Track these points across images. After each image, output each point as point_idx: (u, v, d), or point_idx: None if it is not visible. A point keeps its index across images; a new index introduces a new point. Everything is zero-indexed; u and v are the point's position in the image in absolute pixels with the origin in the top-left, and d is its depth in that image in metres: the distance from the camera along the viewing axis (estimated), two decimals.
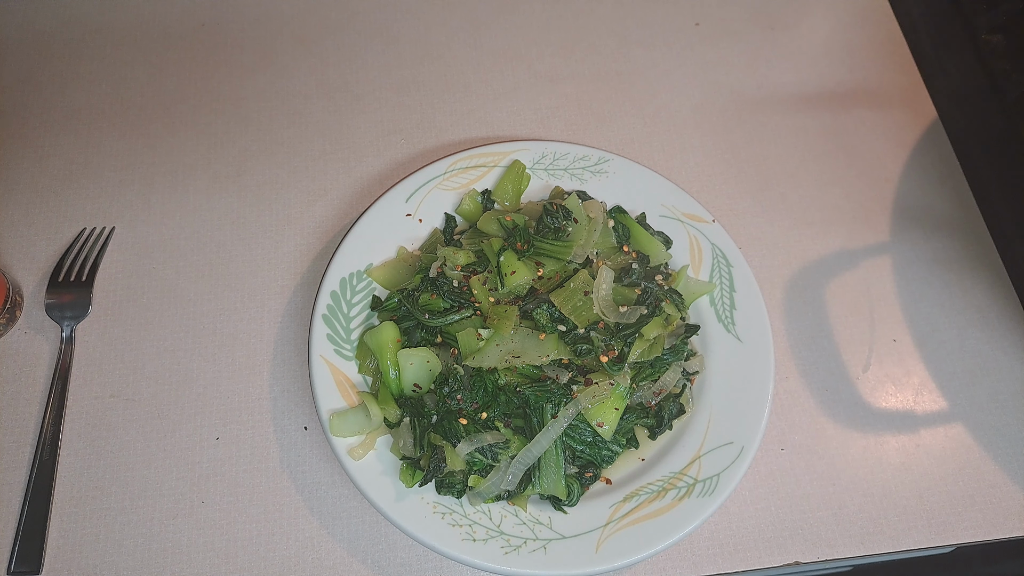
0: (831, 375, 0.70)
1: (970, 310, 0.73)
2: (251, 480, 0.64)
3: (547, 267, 0.65)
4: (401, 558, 0.62)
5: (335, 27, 0.85)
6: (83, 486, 0.63)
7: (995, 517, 0.65)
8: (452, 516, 0.58)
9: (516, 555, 0.57)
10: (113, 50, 0.82)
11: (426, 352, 0.61)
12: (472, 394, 0.59)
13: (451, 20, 0.86)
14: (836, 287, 0.74)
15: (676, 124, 0.81)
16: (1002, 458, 0.67)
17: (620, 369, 0.60)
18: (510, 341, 0.61)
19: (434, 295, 0.64)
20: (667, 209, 0.71)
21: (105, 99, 0.80)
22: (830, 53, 0.86)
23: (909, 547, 0.64)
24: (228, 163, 0.77)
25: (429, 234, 0.71)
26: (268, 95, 0.81)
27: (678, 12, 0.88)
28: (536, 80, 0.83)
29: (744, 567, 0.62)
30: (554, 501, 0.60)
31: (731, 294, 0.67)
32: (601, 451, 0.60)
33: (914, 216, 0.77)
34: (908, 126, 0.82)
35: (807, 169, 0.79)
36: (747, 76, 0.84)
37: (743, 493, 0.65)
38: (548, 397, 0.59)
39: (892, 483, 0.66)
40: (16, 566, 0.59)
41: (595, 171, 0.73)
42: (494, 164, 0.73)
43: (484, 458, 0.58)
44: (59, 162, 0.76)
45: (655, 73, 0.84)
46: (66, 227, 0.73)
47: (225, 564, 0.61)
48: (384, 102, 0.81)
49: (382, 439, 0.61)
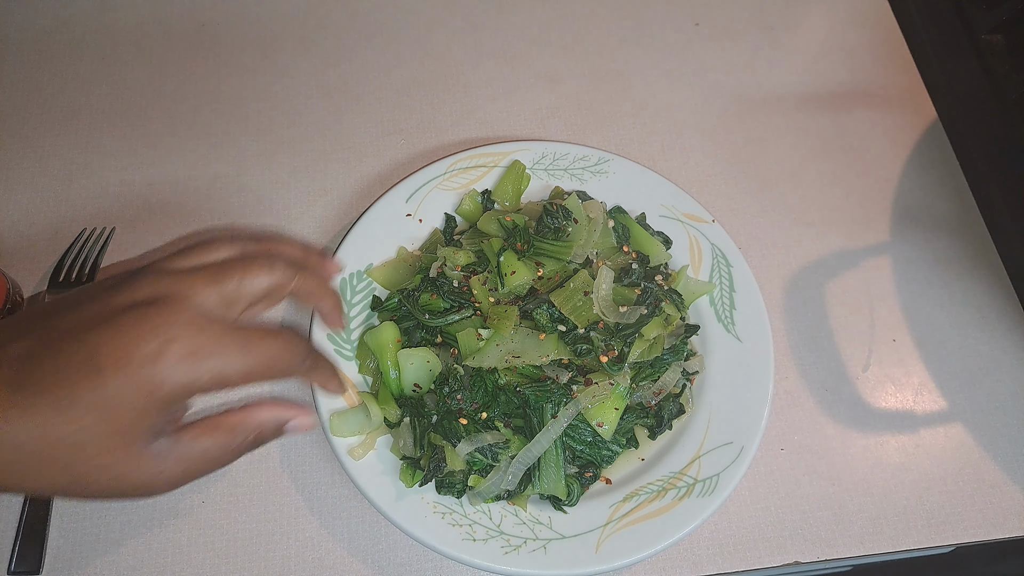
0: (831, 375, 0.70)
1: (970, 310, 0.73)
2: (251, 480, 0.64)
3: (547, 267, 0.65)
4: (401, 558, 0.62)
5: (335, 27, 0.85)
6: None
7: (995, 517, 0.65)
8: (452, 516, 0.58)
9: (516, 555, 0.57)
10: (113, 50, 0.82)
11: (426, 352, 0.61)
12: (472, 394, 0.59)
13: (451, 20, 0.86)
14: (836, 287, 0.74)
15: (676, 124, 0.81)
16: (1002, 458, 0.67)
17: (620, 369, 0.60)
18: (510, 341, 0.61)
19: (434, 295, 0.64)
20: (667, 209, 0.71)
21: (105, 99, 0.80)
22: (830, 53, 0.86)
23: (909, 547, 0.64)
24: (228, 163, 0.77)
25: (429, 234, 0.71)
26: (268, 95, 0.81)
27: (678, 12, 0.88)
28: (536, 80, 0.83)
29: (744, 567, 0.62)
30: (554, 501, 0.60)
31: (731, 294, 0.67)
32: (601, 451, 0.60)
33: (914, 216, 0.77)
34: (908, 126, 0.82)
35: (807, 169, 0.79)
36: (747, 76, 0.84)
37: (743, 493, 0.65)
38: (548, 397, 0.59)
39: (892, 483, 0.66)
40: (16, 566, 0.59)
41: (595, 171, 0.73)
42: (494, 164, 0.73)
43: (484, 458, 0.58)
44: (59, 162, 0.76)
45: (655, 73, 0.84)
46: (66, 227, 0.73)
47: (225, 564, 0.61)
48: (384, 102, 0.81)
49: (382, 439, 0.61)
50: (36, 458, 0.39)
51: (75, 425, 0.39)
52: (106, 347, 0.39)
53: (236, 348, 0.41)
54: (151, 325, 0.40)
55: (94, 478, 0.40)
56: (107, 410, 0.39)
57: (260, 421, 0.46)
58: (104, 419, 0.39)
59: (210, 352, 0.41)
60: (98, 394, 0.39)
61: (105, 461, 0.40)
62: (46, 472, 0.39)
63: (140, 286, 0.42)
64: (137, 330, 0.40)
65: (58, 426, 0.39)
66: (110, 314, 0.41)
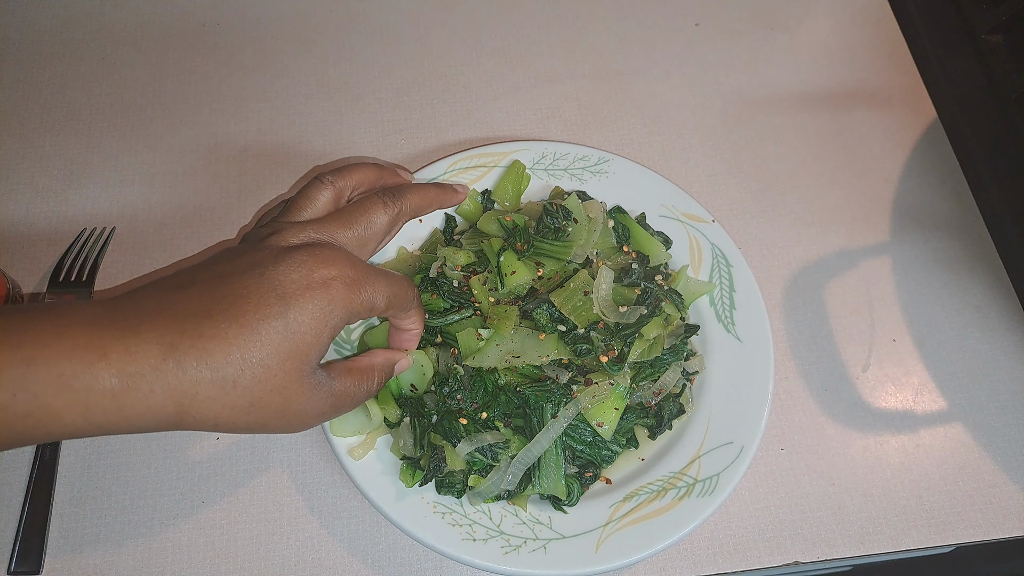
0: (831, 375, 0.70)
1: (970, 310, 0.73)
2: (251, 480, 0.64)
3: (547, 267, 0.65)
4: (401, 558, 0.62)
5: (335, 27, 0.85)
6: (83, 486, 0.63)
7: (995, 517, 0.65)
8: (452, 516, 0.58)
9: (516, 555, 0.57)
10: (113, 50, 0.82)
11: (419, 355, 0.61)
12: (472, 394, 0.59)
13: (451, 20, 0.86)
14: (836, 287, 0.74)
15: (676, 124, 0.81)
16: (1002, 458, 0.67)
17: (620, 369, 0.60)
18: (510, 341, 0.61)
19: (434, 295, 0.64)
20: (667, 209, 0.71)
21: (105, 99, 0.80)
22: (830, 53, 0.86)
23: (909, 547, 0.64)
24: (228, 163, 0.77)
25: (429, 234, 0.71)
26: (268, 95, 0.81)
27: (678, 12, 0.88)
28: (536, 80, 0.83)
29: (744, 567, 0.62)
30: (554, 501, 0.60)
31: (731, 294, 0.67)
32: (601, 451, 0.60)
33: (914, 216, 0.77)
34: (908, 126, 0.82)
35: (807, 169, 0.79)
36: (747, 76, 0.84)
37: (743, 493, 0.65)
38: (548, 397, 0.59)
39: (892, 483, 0.66)
40: (16, 566, 0.59)
41: (595, 171, 0.73)
42: (494, 164, 0.73)
43: (484, 458, 0.58)
44: (59, 162, 0.76)
45: (655, 73, 0.84)
46: (66, 227, 0.73)
47: (225, 564, 0.61)
48: (384, 102, 0.81)
49: (382, 439, 0.61)
50: (228, 385, 0.42)
51: (267, 348, 0.43)
52: (288, 277, 0.45)
53: (383, 280, 0.49)
54: (321, 259, 0.46)
55: (268, 402, 0.44)
56: (291, 335, 0.44)
57: (381, 365, 0.54)
58: (288, 343, 0.44)
59: (365, 282, 0.47)
60: (284, 319, 0.44)
61: (281, 383, 0.44)
62: (230, 396, 0.43)
63: (285, 236, 0.49)
64: (312, 263, 0.46)
65: (250, 350, 0.43)
66: (279, 254, 0.46)
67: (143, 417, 0.41)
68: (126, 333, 0.41)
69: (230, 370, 0.42)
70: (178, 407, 0.42)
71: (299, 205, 0.53)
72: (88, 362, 0.40)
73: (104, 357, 0.40)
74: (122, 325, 0.41)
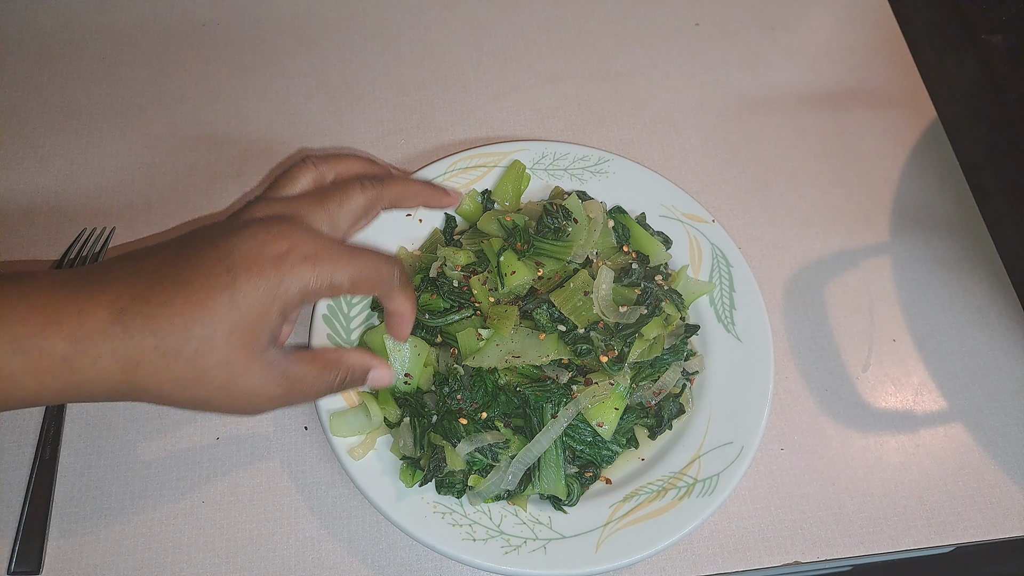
0: (831, 375, 0.70)
1: (970, 310, 0.73)
2: (251, 480, 0.64)
3: (547, 267, 0.65)
4: (401, 558, 0.62)
5: (335, 27, 0.85)
6: (83, 486, 0.63)
7: (995, 517, 0.65)
8: (452, 516, 0.58)
9: (516, 555, 0.57)
10: (113, 50, 0.82)
11: (413, 339, 0.60)
12: (472, 394, 0.59)
13: (451, 20, 0.86)
14: (836, 287, 0.74)
15: (676, 124, 0.81)
16: (1002, 458, 0.67)
17: (620, 369, 0.60)
18: (510, 341, 0.61)
19: (434, 295, 0.64)
20: (667, 209, 0.71)
21: (105, 99, 0.80)
22: (830, 53, 0.86)
23: (909, 547, 0.64)
24: (228, 163, 0.77)
25: (429, 234, 0.71)
26: (268, 95, 0.81)
27: (678, 12, 0.88)
28: (536, 80, 0.83)
29: (744, 567, 0.62)
30: (554, 501, 0.60)
31: (731, 294, 0.67)
32: (601, 451, 0.60)
33: (914, 216, 0.77)
34: (908, 126, 0.82)
35: (807, 169, 0.79)
36: (747, 76, 0.84)
37: (743, 493, 0.65)
38: (548, 397, 0.59)
39: (892, 483, 0.66)
40: (16, 566, 0.59)
41: (595, 171, 0.73)
42: (494, 164, 0.73)
43: (484, 458, 0.58)
44: (59, 162, 0.76)
45: (655, 73, 0.84)
46: (66, 227, 0.73)
47: (225, 564, 0.61)
48: (384, 102, 0.81)
49: (382, 439, 0.61)
50: (170, 354, 0.42)
51: (211, 319, 0.42)
52: (238, 249, 0.44)
53: (346, 257, 0.46)
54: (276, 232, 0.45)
55: (212, 376, 0.43)
56: (237, 307, 0.43)
57: (350, 364, 0.51)
58: (234, 316, 0.43)
59: (324, 258, 0.45)
60: (231, 292, 0.43)
61: (227, 358, 0.43)
62: (173, 366, 0.42)
63: (256, 210, 0.48)
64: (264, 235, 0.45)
65: (194, 320, 0.42)
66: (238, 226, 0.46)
67: (93, 384, 0.41)
68: (81, 298, 0.41)
69: (173, 340, 0.41)
70: (125, 374, 0.41)
71: (280, 184, 0.52)
72: (41, 324, 0.39)
73: (57, 321, 0.40)
74: (84, 290, 0.41)
